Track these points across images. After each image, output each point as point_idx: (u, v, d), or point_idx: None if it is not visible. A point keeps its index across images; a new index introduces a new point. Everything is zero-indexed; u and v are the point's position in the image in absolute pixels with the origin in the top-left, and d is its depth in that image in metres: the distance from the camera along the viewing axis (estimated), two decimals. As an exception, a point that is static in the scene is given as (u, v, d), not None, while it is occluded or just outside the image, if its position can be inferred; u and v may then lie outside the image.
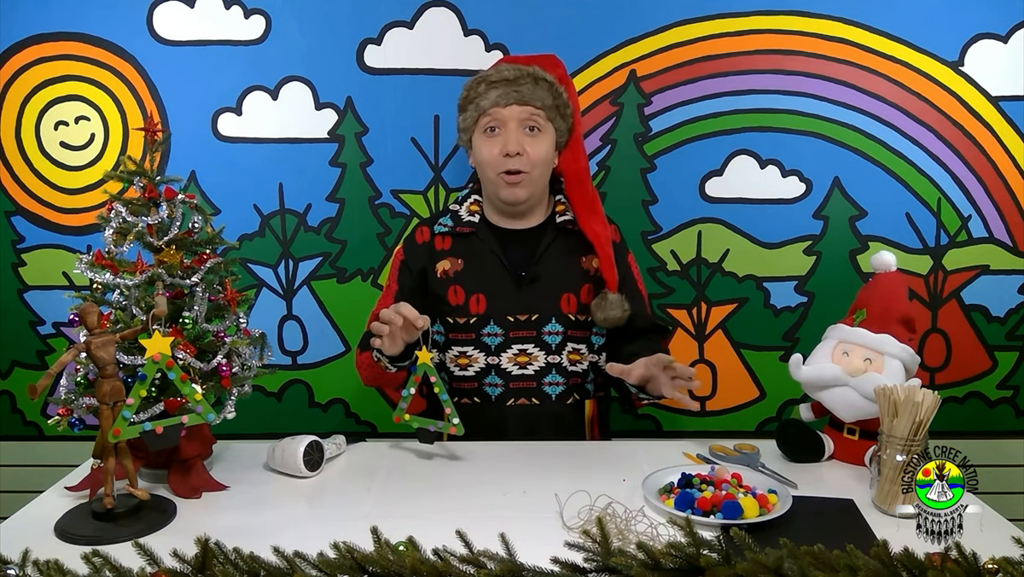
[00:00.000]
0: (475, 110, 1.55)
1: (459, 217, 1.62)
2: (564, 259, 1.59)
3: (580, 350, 1.59)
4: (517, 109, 1.52)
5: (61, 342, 1.99)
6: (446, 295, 1.58)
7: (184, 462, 1.29)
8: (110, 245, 1.27)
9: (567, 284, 1.58)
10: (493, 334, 1.57)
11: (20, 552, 0.87)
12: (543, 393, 1.57)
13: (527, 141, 1.53)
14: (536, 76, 1.55)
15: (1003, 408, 1.99)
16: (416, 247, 1.64)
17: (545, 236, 1.60)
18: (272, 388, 2.01)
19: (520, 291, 1.57)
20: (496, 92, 1.53)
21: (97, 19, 1.87)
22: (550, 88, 1.56)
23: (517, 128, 1.53)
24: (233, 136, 1.91)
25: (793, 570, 0.75)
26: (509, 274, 1.58)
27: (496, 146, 1.53)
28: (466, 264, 1.59)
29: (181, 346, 1.22)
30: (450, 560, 0.81)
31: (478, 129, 1.56)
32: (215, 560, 0.82)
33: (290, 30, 1.88)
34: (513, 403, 1.58)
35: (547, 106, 1.55)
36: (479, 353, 1.58)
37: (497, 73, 1.55)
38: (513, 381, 1.57)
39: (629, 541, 1.05)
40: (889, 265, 1.46)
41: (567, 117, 1.59)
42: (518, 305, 1.57)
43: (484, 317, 1.57)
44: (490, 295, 1.57)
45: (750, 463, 1.38)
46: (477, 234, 1.60)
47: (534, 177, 1.55)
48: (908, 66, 1.87)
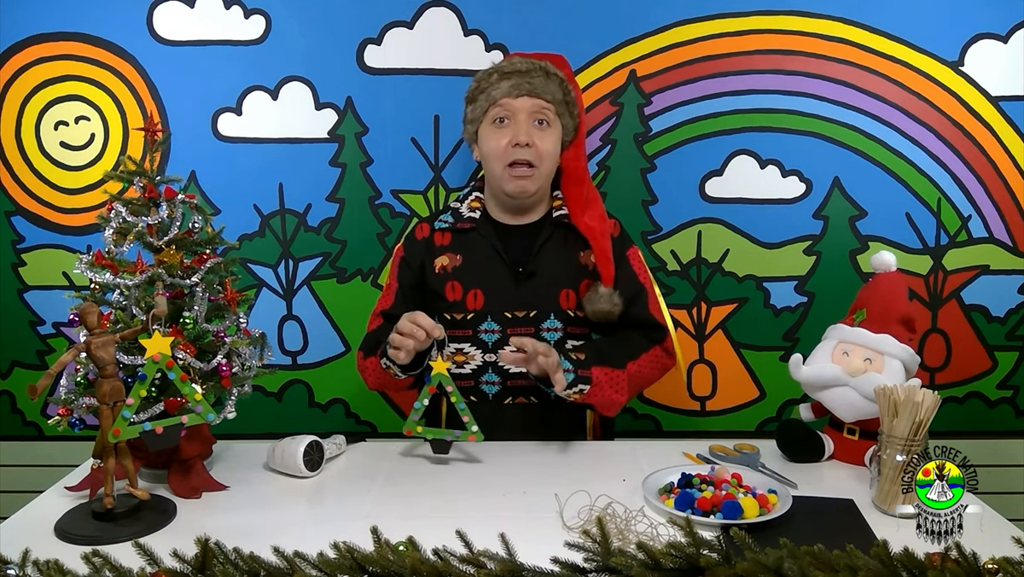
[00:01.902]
0: (486, 100, 1.55)
1: (460, 214, 1.62)
2: (562, 254, 1.58)
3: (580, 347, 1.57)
4: (528, 101, 1.53)
5: (61, 342, 1.99)
6: (443, 291, 1.58)
7: (184, 462, 1.29)
8: (110, 245, 1.27)
9: (565, 280, 1.57)
10: (491, 331, 1.56)
11: (20, 552, 0.87)
12: (541, 392, 1.55)
13: (536, 134, 1.53)
14: (548, 70, 1.55)
15: (1003, 408, 1.99)
16: (415, 243, 1.64)
17: (543, 231, 1.59)
18: (272, 388, 2.01)
19: (518, 287, 1.56)
20: (508, 83, 1.53)
21: (97, 19, 1.87)
22: (560, 84, 1.56)
23: (527, 120, 1.53)
24: (233, 136, 1.91)
25: (793, 570, 0.75)
26: (508, 269, 1.57)
27: (505, 136, 1.52)
28: (465, 260, 1.59)
29: (181, 346, 1.22)
30: (450, 560, 0.81)
31: (487, 120, 1.56)
32: (215, 560, 0.82)
33: (290, 30, 1.88)
34: (511, 401, 1.57)
35: (557, 101, 1.55)
36: (476, 351, 1.57)
37: (510, 65, 1.55)
38: (511, 379, 1.56)
39: (629, 541, 1.05)
40: (889, 265, 1.46)
41: (574, 116, 1.60)
42: (516, 301, 1.56)
43: (481, 313, 1.56)
44: (488, 291, 1.56)
45: (750, 463, 1.38)
46: (477, 229, 1.60)
47: (542, 172, 1.55)
48: (908, 66, 1.87)
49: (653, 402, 2.03)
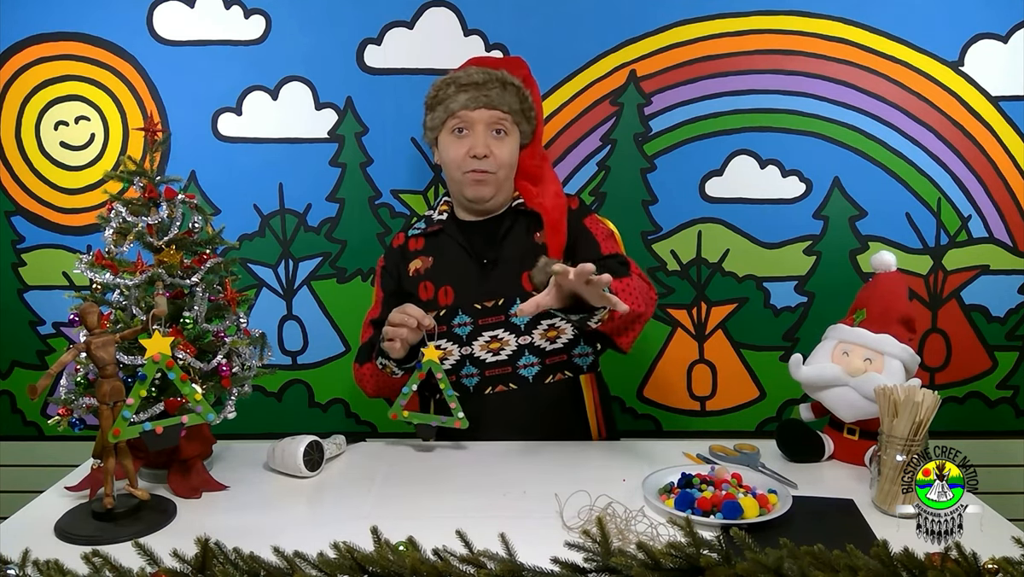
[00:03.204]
0: (444, 111, 1.57)
1: (430, 219, 1.66)
2: (522, 240, 1.61)
3: (556, 324, 1.58)
4: (485, 113, 1.55)
5: (61, 342, 1.99)
6: (417, 292, 1.61)
7: (184, 462, 1.29)
8: (110, 245, 1.27)
9: (526, 263, 1.56)
10: (463, 324, 1.58)
11: (20, 552, 0.87)
12: (519, 377, 1.57)
13: (493, 143, 1.56)
14: (504, 81, 1.57)
15: (1003, 408, 1.99)
16: (392, 252, 1.68)
17: (504, 222, 1.62)
18: (272, 388, 2.01)
19: (485, 278, 1.59)
20: (465, 95, 1.55)
21: (97, 19, 1.87)
22: (517, 92, 1.59)
23: (484, 131, 1.55)
24: (233, 136, 1.91)
25: (793, 570, 0.75)
26: (474, 262, 1.60)
27: (464, 147, 1.55)
28: (436, 260, 1.62)
29: (181, 346, 1.22)
30: (450, 560, 0.81)
31: (445, 129, 1.59)
32: (215, 560, 0.82)
33: (290, 30, 1.88)
34: (491, 391, 1.58)
35: (514, 110, 1.58)
36: (453, 345, 1.59)
37: (467, 76, 1.57)
38: (488, 369, 1.58)
39: (629, 541, 1.05)
40: (889, 265, 1.46)
41: (531, 120, 1.63)
42: (483, 292, 1.58)
43: (452, 308, 1.59)
44: (457, 286, 1.59)
45: (750, 463, 1.38)
46: (445, 230, 1.63)
47: (500, 178, 1.58)
48: (908, 66, 1.87)
49: (653, 402, 2.03)
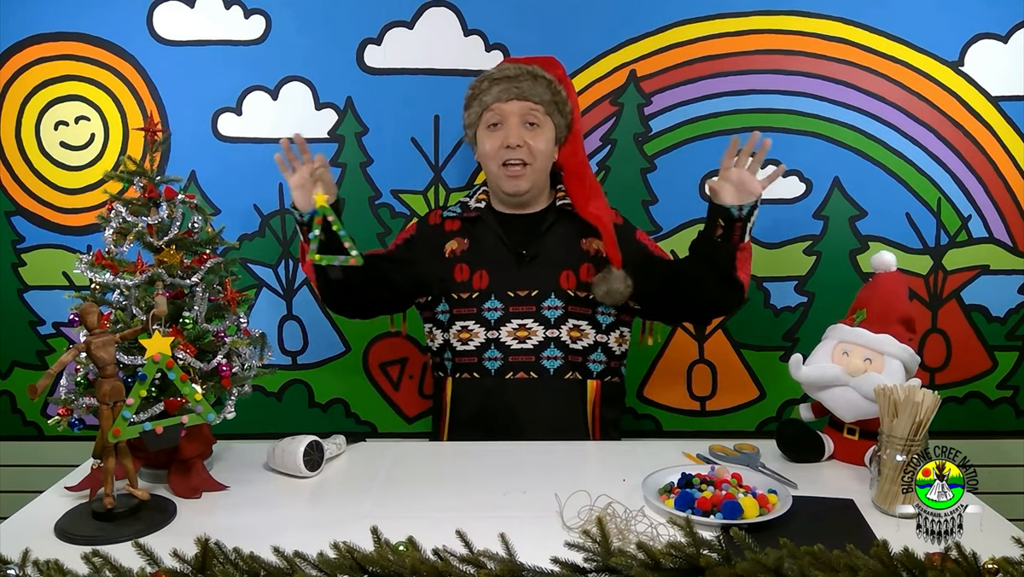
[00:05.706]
0: (479, 106, 1.64)
1: (467, 205, 1.71)
2: (564, 239, 1.66)
3: (581, 327, 1.64)
4: (517, 104, 1.60)
5: (61, 342, 1.99)
6: (453, 272, 1.66)
7: (184, 462, 1.29)
8: (110, 245, 1.27)
9: (567, 262, 1.65)
10: (493, 309, 1.63)
11: (20, 552, 0.87)
12: (541, 367, 1.62)
13: (527, 134, 1.61)
14: (535, 74, 1.63)
15: (1003, 408, 1.99)
16: (428, 226, 1.73)
17: (547, 218, 1.67)
18: (272, 388, 2.01)
19: (521, 269, 1.64)
20: (498, 88, 1.61)
21: (97, 19, 1.87)
22: (548, 85, 1.63)
23: (518, 123, 1.61)
24: (233, 136, 1.91)
25: (793, 570, 0.75)
26: (510, 253, 1.65)
27: (498, 139, 1.61)
28: (471, 244, 1.67)
29: (181, 346, 1.22)
30: (450, 560, 0.81)
31: (482, 124, 1.64)
32: (215, 560, 0.82)
33: (290, 30, 1.88)
34: (512, 376, 1.62)
35: (545, 101, 1.62)
36: (479, 328, 1.63)
37: (499, 71, 1.64)
38: (512, 355, 1.62)
39: (629, 541, 1.05)
40: (889, 265, 1.46)
41: (566, 114, 1.66)
42: (518, 281, 1.64)
43: (486, 292, 1.64)
44: (492, 272, 1.64)
45: (750, 463, 1.38)
46: (483, 218, 1.68)
47: (535, 168, 1.62)
48: (908, 66, 1.87)
49: (653, 402, 2.03)
